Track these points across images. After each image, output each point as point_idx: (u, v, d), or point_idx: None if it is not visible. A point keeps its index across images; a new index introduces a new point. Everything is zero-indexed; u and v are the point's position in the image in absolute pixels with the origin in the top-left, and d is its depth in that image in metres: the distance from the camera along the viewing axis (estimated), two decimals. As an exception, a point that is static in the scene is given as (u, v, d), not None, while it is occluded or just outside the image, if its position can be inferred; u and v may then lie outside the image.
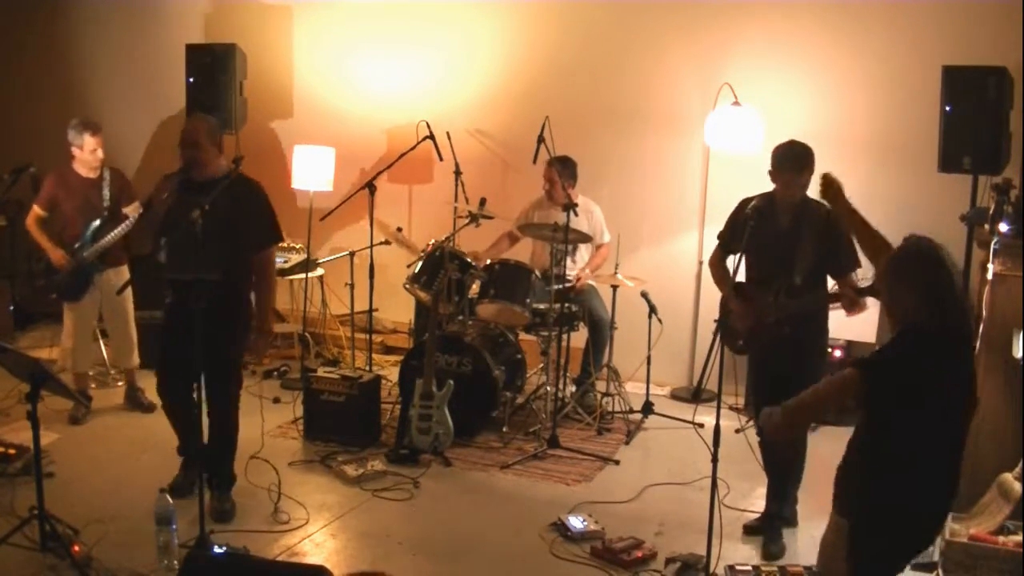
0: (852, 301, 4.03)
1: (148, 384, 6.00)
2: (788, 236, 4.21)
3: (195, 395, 4.14)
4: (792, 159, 4.17)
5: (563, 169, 5.95)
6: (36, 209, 5.63)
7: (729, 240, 4.44)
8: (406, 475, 4.99)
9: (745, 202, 4.30)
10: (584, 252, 6.24)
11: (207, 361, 4.12)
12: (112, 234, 5.43)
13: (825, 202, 3.78)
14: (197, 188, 4.21)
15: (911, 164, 5.87)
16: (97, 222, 5.48)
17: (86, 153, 5.50)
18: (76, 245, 5.52)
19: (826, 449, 4.45)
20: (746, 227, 4.06)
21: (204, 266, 4.12)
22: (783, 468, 4.45)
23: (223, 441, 4.51)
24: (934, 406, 2.80)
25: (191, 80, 6.84)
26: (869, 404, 2.86)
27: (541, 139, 5.70)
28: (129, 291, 5.62)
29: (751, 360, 4.60)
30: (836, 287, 4.21)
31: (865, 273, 4.02)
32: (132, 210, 5.45)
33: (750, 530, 4.50)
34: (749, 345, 4.36)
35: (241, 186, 4.37)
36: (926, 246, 2.92)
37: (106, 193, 5.52)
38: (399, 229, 6.36)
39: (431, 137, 6.39)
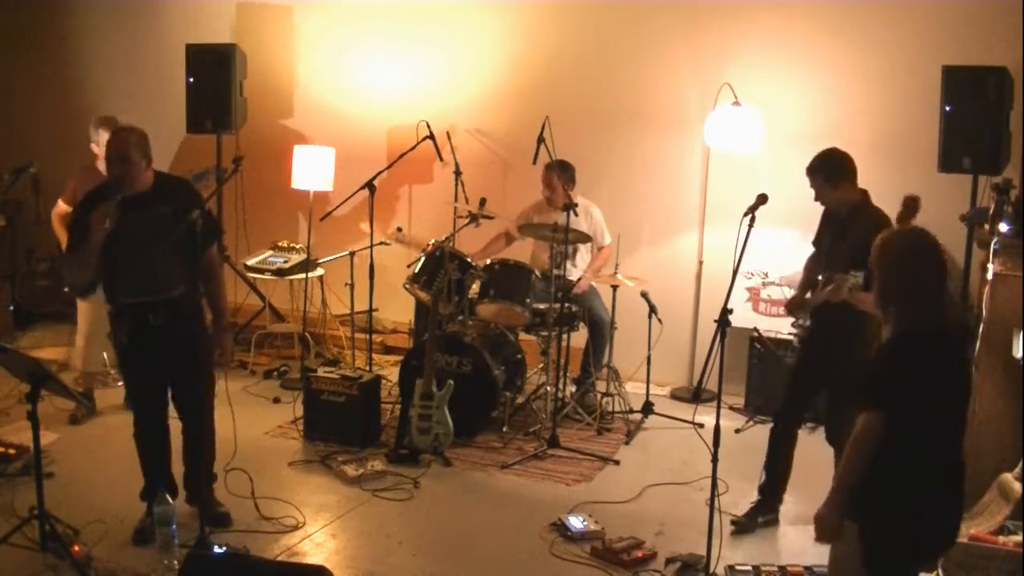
0: (839, 284, 3.98)
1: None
2: (838, 235, 4.36)
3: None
4: (809, 165, 4.38)
5: (562, 173, 5.96)
6: (61, 204, 5.57)
7: (815, 241, 4.62)
8: (406, 475, 4.99)
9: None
10: (584, 254, 6.24)
11: (182, 374, 4.13)
12: None
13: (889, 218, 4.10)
14: (131, 204, 3.99)
15: (911, 164, 5.86)
16: None
17: (104, 150, 5.44)
18: None
19: (825, 449, 4.48)
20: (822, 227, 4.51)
21: (162, 282, 4.02)
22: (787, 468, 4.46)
23: (208, 446, 4.38)
24: (936, 403, 2.79)
25: (191, 80, 6.84)
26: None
27: (541, 139, 5.69)
28: None
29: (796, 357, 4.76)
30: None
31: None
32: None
33: (741, 528, 4.50)
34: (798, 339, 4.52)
35: (174, 189, 4.16)
36: (919, 237, 2.89)
37: None
38: (399, 229, 6.36)
39: (431, 137, 6.39)
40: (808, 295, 4.46)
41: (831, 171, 4.32)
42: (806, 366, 4.50)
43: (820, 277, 4.29)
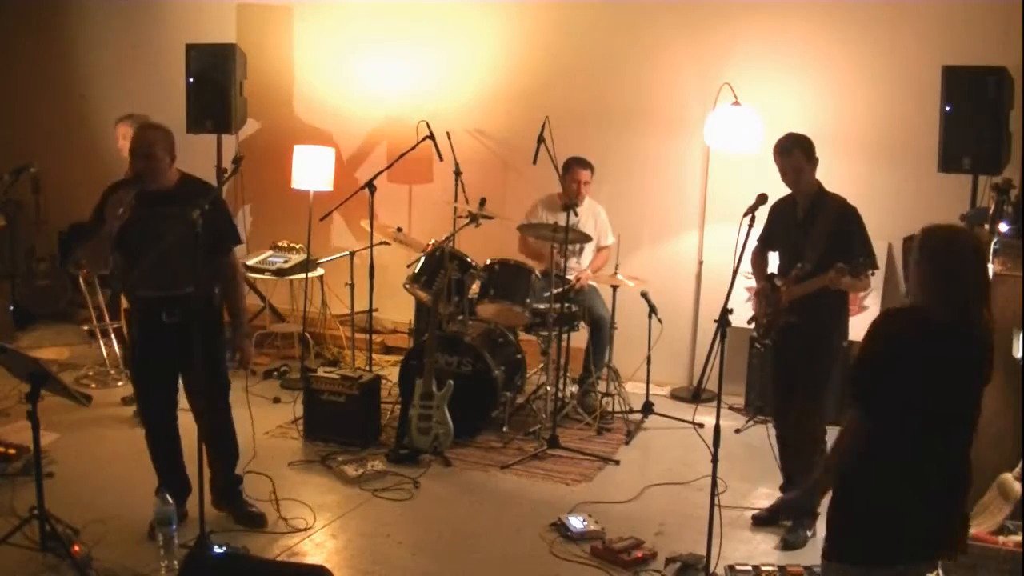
0: (839, 271, 4.00)
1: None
2: (803, 225, 4.37)
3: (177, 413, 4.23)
4: (777, 145, 4.40)
5: (592, 172, 6.05)
6: None
7: (764, 237, 4.61)
8: (406, 475, 4.99)
9: (779, 201, 4.51)
10: (590, 253, 6.25)
11: (195, 375, 4.10)
12: None
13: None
14: (152, 199, 4.05)
15: (911, 164, 5.87)
16: None
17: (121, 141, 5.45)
18: None
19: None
20: (775, 222, 4.48)
21: (176, 279, 4.02)
22: (806, 466, 4.46)
23: (229, 446, 4.45)
24: (918, 397, 2.70)
25: (191, 80, 6.83)
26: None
27: (541, 139, 5.69)
28: None
29: (769, 355, 4.73)
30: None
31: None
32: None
33: (758, 520, 4.57)
34: (765, 335, 4.49)
35: (196, 190, 4.16)
36: (978, 239, 2.87)
37: None
38: (399, 229, 6.36)
39: (431, 137, 6.39)
40: (782, 286, 4.40)
41: (808, 148, 4.36)
42: (787, 359, 4.50)
43: (808, 267, 4.28)
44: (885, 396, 2.74)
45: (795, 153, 4.34)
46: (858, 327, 5.78)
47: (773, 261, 4.66)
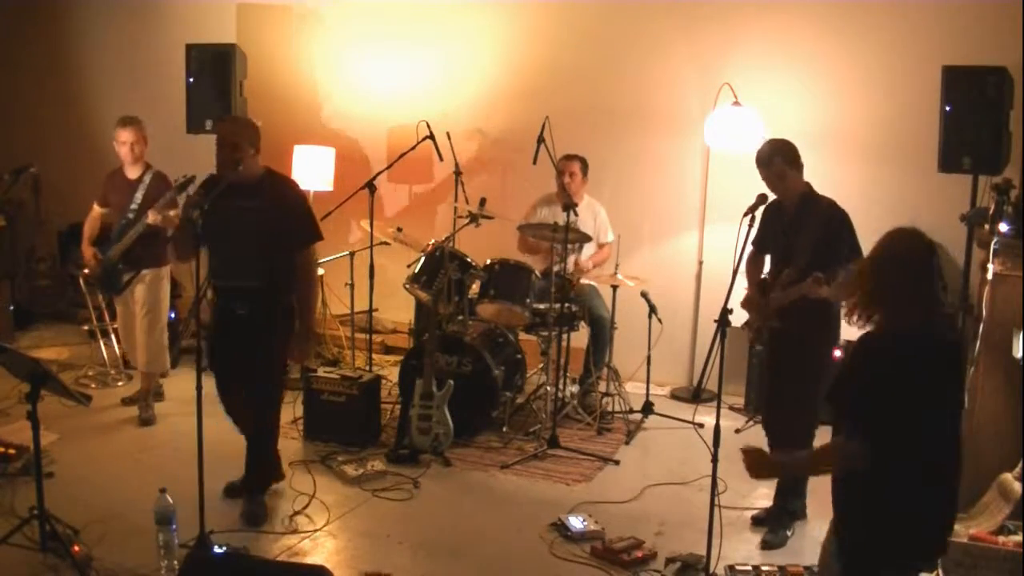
0: (816, 281, 4.01)
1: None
2: (791, 229, 4.35)
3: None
4: (757, 157, 4.42)
5: (582, 165, 6.06)
6: (94, 205, 5.73)
7: (756, 240, 4.53)
8: (406, 475, 4.99)
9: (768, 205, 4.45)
10: (588, 251, 6.25)
11: (251, 363, 4.26)
12: (127, 235, 5.42)
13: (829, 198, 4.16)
14: (232, 191, 4.12)
15: (911, 164, 5.87)
16: (123, 222, 5.48)
17: (119, 146, 5.54)
18: (106, 244, 5.57)
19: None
20: (765, 227, 4.31)
21: (245, 272, 4.19)
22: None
23: (261, 442, 4.52)
24: (921, 409, 2.69)
25: (191, 80, 6.83)
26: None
27: (541, 139, 5.69)
28: (163, 293, 5.73)
29: (761, 358, 4.77)
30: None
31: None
32: (152, 214, 5.31)
33: (757, 521, 4.57)
34: (756, 339, 4.50)
35: (275, 186, 4.35)
36: (919, 240, 2.83)
37: (138, 195, 5.47)
38: (399, 229, 6.36)
39: (431, 137, 6.38)
40: (770, 294, 4.41)
41: (788, 154, 4.34)
42: (774, 364, 4.50)
43: (784, 273, 4.28)
44: (893, 420, 2.68)
45: (775, 162, 4.32)
46: (854, 328, 5.80)
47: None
